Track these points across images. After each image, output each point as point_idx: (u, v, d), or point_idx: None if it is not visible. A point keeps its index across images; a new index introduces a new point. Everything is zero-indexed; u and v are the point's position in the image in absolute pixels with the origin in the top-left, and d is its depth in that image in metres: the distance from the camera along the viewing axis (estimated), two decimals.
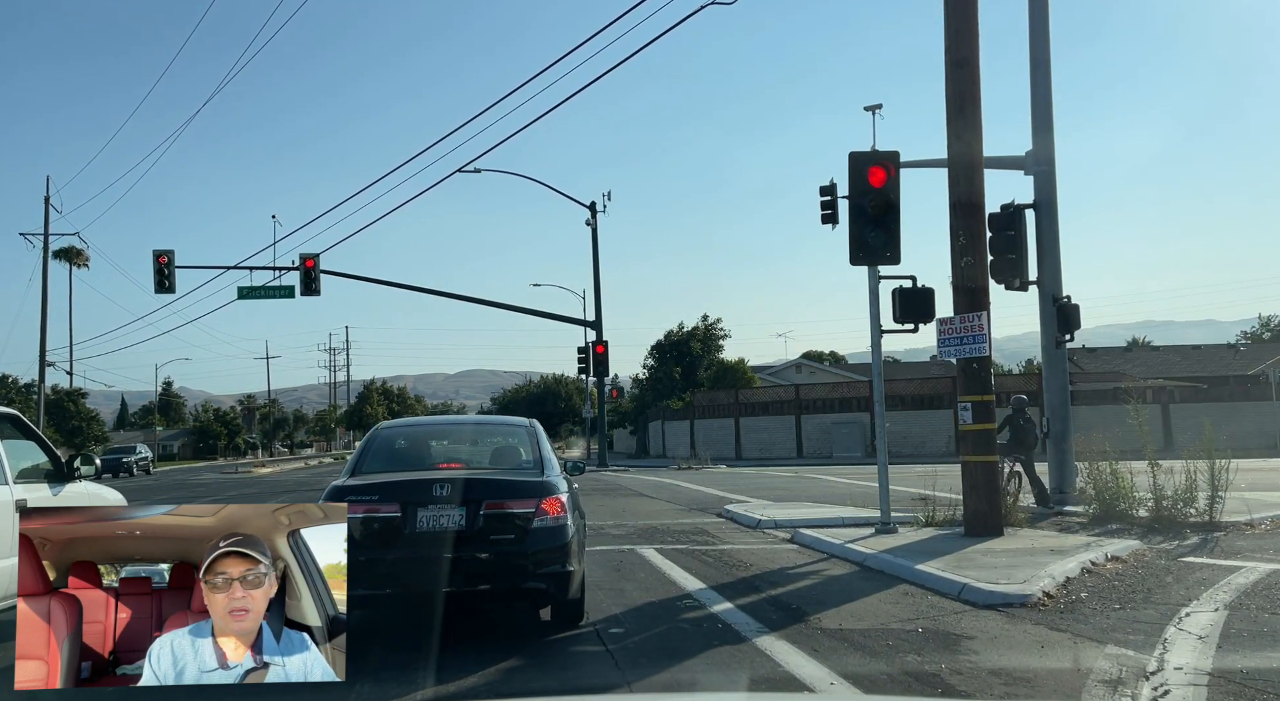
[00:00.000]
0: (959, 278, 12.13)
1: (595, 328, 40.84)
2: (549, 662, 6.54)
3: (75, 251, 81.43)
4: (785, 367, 68.40)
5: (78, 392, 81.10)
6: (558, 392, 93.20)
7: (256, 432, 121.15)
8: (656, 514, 17.58)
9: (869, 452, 47.61)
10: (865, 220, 12.50)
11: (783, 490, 22.72)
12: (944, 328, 12.18)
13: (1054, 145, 16.19)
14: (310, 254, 36.18)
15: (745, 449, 51.29)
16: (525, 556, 6.70)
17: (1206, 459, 12.54)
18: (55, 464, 7.91)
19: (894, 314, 12.81)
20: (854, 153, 12.72)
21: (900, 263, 12.68)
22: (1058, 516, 14.24)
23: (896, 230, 12.57)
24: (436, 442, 8.79)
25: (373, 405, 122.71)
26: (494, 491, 6.90)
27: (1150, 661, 6.06)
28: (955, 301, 12.16)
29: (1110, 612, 7.61)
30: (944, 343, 12.17)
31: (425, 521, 6.67)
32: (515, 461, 7.88)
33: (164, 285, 35.97)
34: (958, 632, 7.03)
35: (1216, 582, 8.71)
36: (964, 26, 12.21)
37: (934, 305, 12.72)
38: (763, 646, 6.77)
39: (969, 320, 11.87)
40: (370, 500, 6.73)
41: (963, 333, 11.91)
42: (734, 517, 16.10)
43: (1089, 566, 9.53)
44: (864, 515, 14.83)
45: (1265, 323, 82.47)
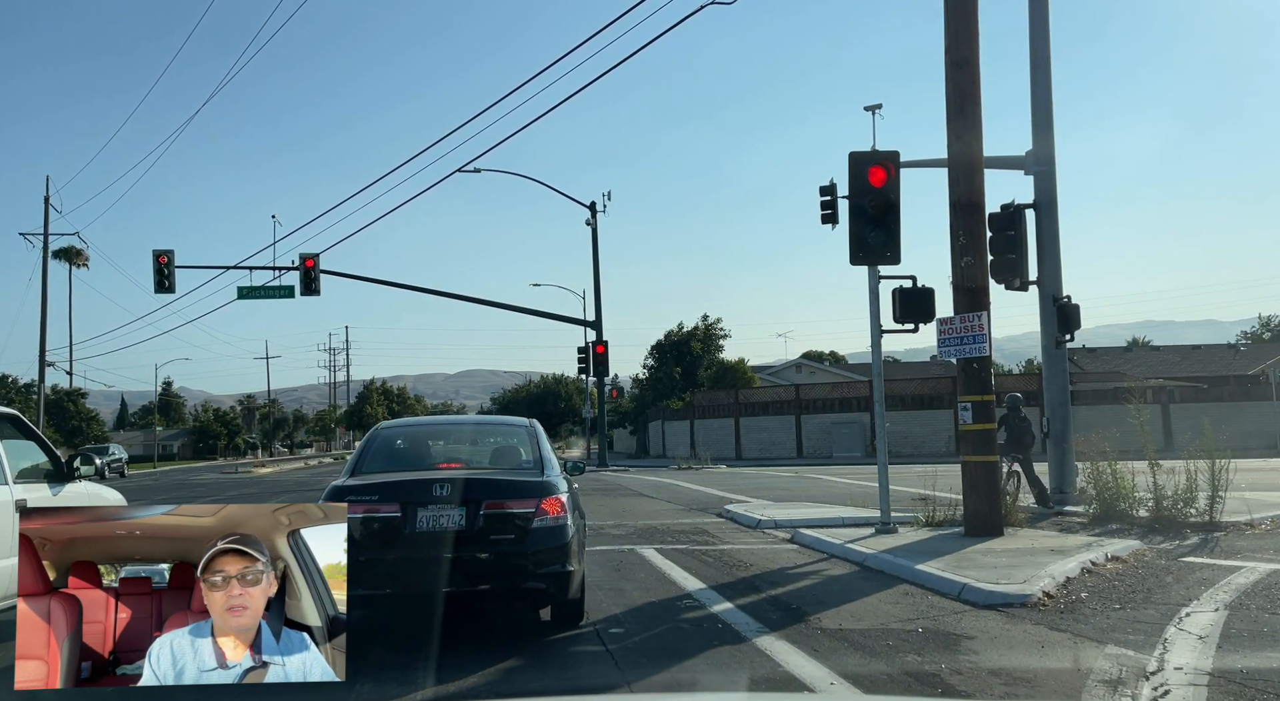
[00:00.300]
0: (959, 277, 12.12)
1: (595, 327, 40.84)
2: (549, 663, 6.53)
3: (75, 251, 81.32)
4: (785, 368, 68.41)
5: (77, 392, 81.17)
6: (558, 393, 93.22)
7: (256, 432, 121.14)
8: (656, 514, 17.59)
9: (869, 453, 47.63)
10: (865, 220, 12.49)
11: (783, 490, 22.73)
12: (944, 327, 12.17)
13: (1054, 145, 16.19)
14: (310, 254, 36.19)
15: (745, 449, 51.29)
16: (525, 556, 6.68)
17: (1207, 459, 12.54)
18: (55, 464, 7.91)
19: (894, 314, 12.80)
20: (854, 153, 12.72)
21: (900, 262, 12.69)
22: (1058, 516, 14.24)
23: (896, 230, 12.57)
24: (436, 442, 8.76)
25: (373, 405, 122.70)
26: (494, 491, 6.88)
27: (1150, 661, 6.06)
28: (955, 301, 12.16)
29: (1110, 612, 7.61)
30: (944, 343, 12.16)
31: (425, 521, 6.65)
32: (515, 461, 7.86)
33: (164, 285, 35.95)
34: (957, 632, 7.03)
35: (1217, 582, 8.71)
36: (964, 26, 12.20)
37: (934, 305, 12.72)
38: (763, 646, 6.77)
39: (969, 320, 11.87)
40: (370, 500, 6.71)
41: (963, 332, 11.90)
42: (734, 518, 16.11)
43: (1089, 566, 9.53)
44: (864, 515, 14.83)
45: (1265, 322, 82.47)
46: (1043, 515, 14.37)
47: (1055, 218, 16.09)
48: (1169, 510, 12.56)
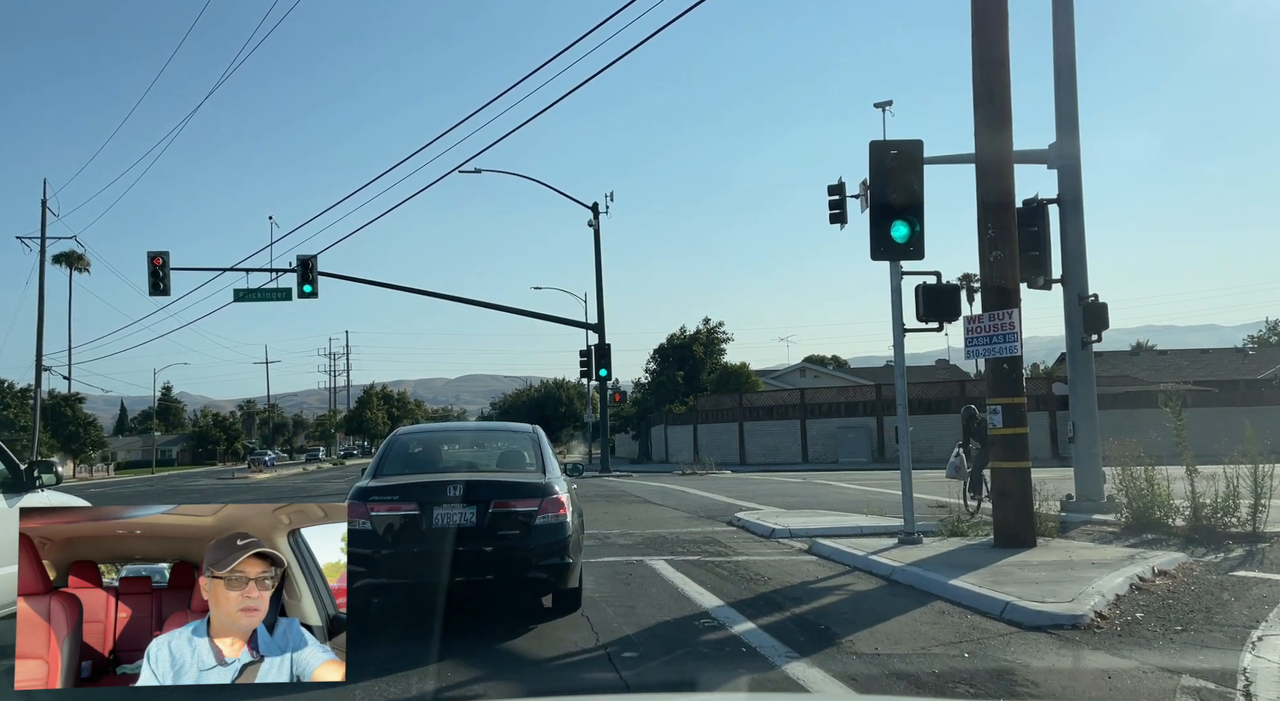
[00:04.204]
0: (987, 274, 11.46)
1: (598, 330, 40.13)
2: (558, 689, 5.90)
3: (76, 256, 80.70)
4: (788, 371, 67.66)
5: (75, 398, 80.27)
6: (558, 397, 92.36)
7: (256, 437, 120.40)
8: (664, 522, 16.89)
9: (875, 457, 46.96)
10: (887, 213, 11.82)
11: (793, 497, 22.03)
12: (972, 326, 11.50)
13: (1079, 138, 15.54)
14: (308, 255, 35.50)
15: (749, 453, 50.59)
16: (529, 550, 7.32)
17: (1249, 464, 11.85)
18: (14, 472, 7.26)
19: (917, 312, 12.15)
20: (875, 142, 12.05)
21: (924, 257, 12.03)
22: (1087, 525, 13.54)
23: (920, 223, 11.90)
24: (448, 447, 9.52)
25: (372, 410, 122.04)
26: (500, 492, 7.55)
27: (1236, 696, 5.38)
28: (984, 298, 11.49)
29: (1173, 636, 6.93)
30: (972, 342, 11.49)
31: (440, 518, 7.30)
32: (520, 464, 8.46)
33: (158, 287, 35.28)
34: (1009, 660, 6.34)
35: (1279, 601, 8.02)
36: (993, 15, 11.52)
37: (959, 302, 12.07)
38: (794, 674, 6.09)
39: (999, 318, 11.19)
40: (392, 500, 7.40)
41: (992, 331, 11.23)
42: (746, 526, 15.41)
43: (1137, 582, 8.83)
44: (883, 524, 14.17)
45: (1272, 327, 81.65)
46: (1070, 523, 13.68)
47: (1080, 213, 15.43)
48: (1208, 519, 11.85)
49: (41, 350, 63.70)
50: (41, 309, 63.03)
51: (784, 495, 22.85)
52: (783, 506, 19.11)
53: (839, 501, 20.17)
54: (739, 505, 19.76)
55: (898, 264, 12.09)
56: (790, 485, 27.37)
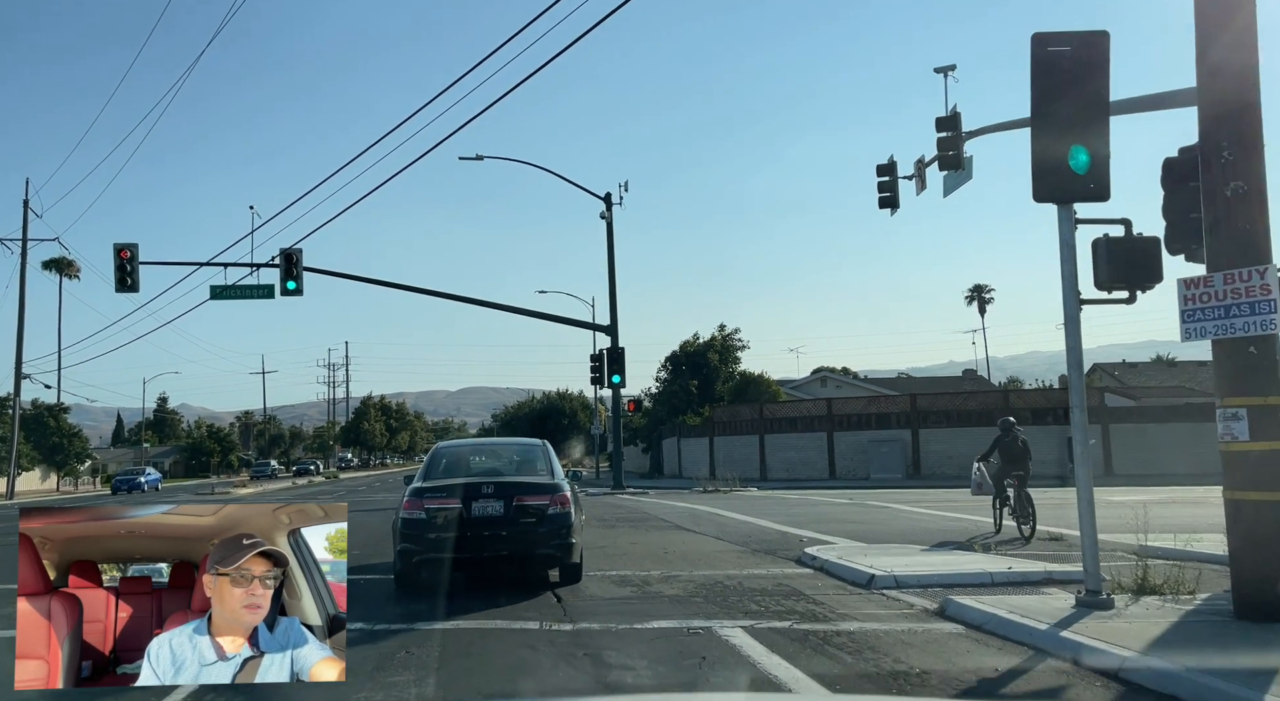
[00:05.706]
0: (1216, 214, 7.94)
1: (610, 332, 36.53)
2: None
3: (66, 262, 77.32)
4: (808, 381, 63.93)
5: (59, 407, 76.56)
6: (560, 409, 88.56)
7: (253, 449, 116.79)
8: (713, 559, 13.27)
9: (910, 473, 43.28)
10: (1060, 131, 8.30)
11: (855, 523, 18.40)
12: (1192, 293, 7.95)
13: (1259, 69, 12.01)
14: (292, 248, 31.96)
15: (770, 469, 46.95)
16: (542, 533, 10.19)
17: None
18: None
19: (1096, 276, 8.62)
20: (1039, 34, 8.51)
21: (1109, 199, 8.51)
22: None
23: (1106, 147, 8.39)
24: (478, 457, 12.37)
25: (370, 421, 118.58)
26: (521, 490, 10.44)
27: None
28: (1211, 252, 7.98)
29: None
30: (1192, 316, 7.93)
31: (476, 510, 10.15)
32: (534, 470, 11.30)
33: (126, 282, 31.78)
34: None
35: None
36: None
37: (1161, 262, 8.54)
38: None
39: (1240, 279, 7.65)
40: (441, 496, 10.28)
41: (1229, 300, 7.68)
42: (826, 569, 11.74)
43: None
44: (1019, 569, 10.62)
45: None
46: None
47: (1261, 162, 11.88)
48: None
49: (21, 357, 60.28)
50: (22, 314, 59.59)
51: (840, 520, 19.23)
52: (850, 536, 15.53)
53: (916, 530, 16.58)
54: (796, 534, 16.15)
55: (1069, 207, 8.56)
56: (839, 507, 23.74)
